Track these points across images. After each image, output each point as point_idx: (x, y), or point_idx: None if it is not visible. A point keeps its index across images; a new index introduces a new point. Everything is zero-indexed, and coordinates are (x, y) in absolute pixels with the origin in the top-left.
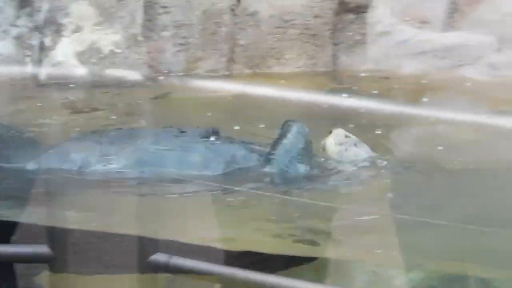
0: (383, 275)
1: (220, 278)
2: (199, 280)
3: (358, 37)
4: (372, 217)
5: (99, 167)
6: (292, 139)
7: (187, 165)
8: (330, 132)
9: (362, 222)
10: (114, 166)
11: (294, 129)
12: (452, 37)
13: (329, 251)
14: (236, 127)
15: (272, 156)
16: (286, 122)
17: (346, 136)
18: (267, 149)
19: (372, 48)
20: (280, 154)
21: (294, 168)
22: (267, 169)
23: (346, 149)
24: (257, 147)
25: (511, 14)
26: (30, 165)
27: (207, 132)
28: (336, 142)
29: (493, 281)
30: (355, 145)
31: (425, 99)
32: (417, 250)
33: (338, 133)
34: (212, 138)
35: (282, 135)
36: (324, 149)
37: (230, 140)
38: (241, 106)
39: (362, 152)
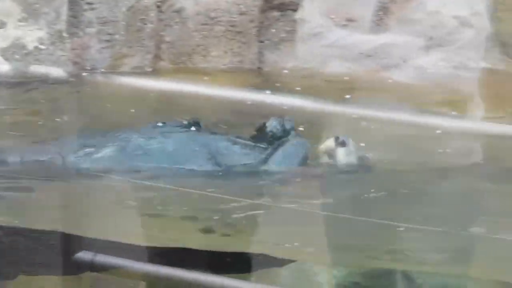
0: (308, 272)
1: (144, 275)
2: (125, 277)
3: (283, 35)
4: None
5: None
6: (294, 148)
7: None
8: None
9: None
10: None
11: (298, 140)
12: (379, 38)
13: (251, 247)
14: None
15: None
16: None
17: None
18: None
19: (298, 46)
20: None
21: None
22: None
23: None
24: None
25: (437, 12)
26: None
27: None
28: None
29: (416, 276)
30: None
31: (347, 96)
32: (340, 247)
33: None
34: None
35: (283, 140)
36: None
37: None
38: (165, 102)
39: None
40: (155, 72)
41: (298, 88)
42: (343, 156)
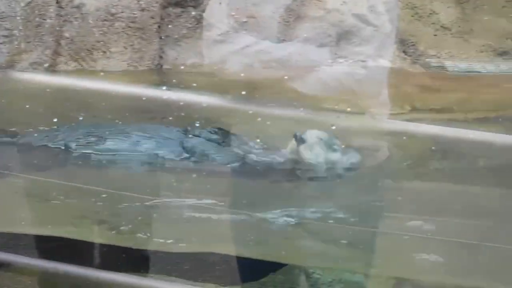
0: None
1: (39, 271)
2: (20, 275)
3: (184, 31)
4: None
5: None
6: None
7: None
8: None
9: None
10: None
11: None
12: (283, 45)
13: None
14: (55, 119)
15: None
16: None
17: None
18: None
19: (199, 43)
20: None
21: None
22: None
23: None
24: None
25: (336, 10)
26: None
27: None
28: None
29: (314, 272)
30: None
31: (243, 93)
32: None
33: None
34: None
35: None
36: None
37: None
38: (61, 98)
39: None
40: (54, 68)
41: (194, 84)
42: (307, 154)
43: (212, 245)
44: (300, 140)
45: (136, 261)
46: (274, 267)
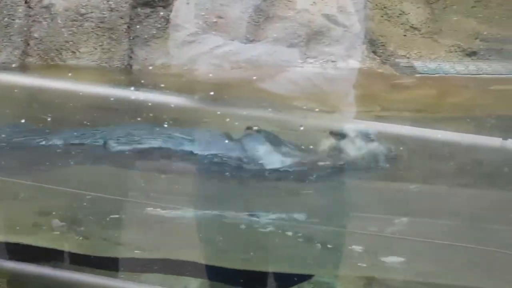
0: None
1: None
2: None
3: (154, 32)
4: None
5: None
6: None
7: None
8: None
9: None
10: None
11: None
12: (252, 45)
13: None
14: (22, 120)
15: None
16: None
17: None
18: None
19: (169, 44)
20: None
21: None
22: None
23: None
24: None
25: (306, 10)
26: None
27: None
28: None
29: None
30: None
31: (211, 93)
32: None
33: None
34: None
35: None
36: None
37: None
38: (29, 99)
39: None
40: (23, 68)
41: (162, 85)
42: (351, 149)
43: None
44: (341, 136)
45: (106, 260)
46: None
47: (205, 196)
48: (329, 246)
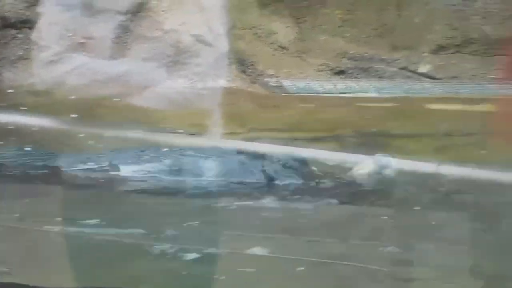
0: None
1: None
2: None
3: (20, 53)
4: None
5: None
6: None
7: None
8: None
9: None
10: None
11: None
12: (119, 62)
13: None
14: None
15: None
16: None
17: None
18: None
19: (35, 65)
20: None
21: None
22: None
23: None
24: None
25: (175, 31)
26: None
27: None
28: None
29: None
30: None
31: (74, 116)
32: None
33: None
34: None
35: None
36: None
37: None
38: None
39: None
40: None
41: (24, 108)
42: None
43: None
44: (387, 165)
45: None
46: None
47: None
48: None
